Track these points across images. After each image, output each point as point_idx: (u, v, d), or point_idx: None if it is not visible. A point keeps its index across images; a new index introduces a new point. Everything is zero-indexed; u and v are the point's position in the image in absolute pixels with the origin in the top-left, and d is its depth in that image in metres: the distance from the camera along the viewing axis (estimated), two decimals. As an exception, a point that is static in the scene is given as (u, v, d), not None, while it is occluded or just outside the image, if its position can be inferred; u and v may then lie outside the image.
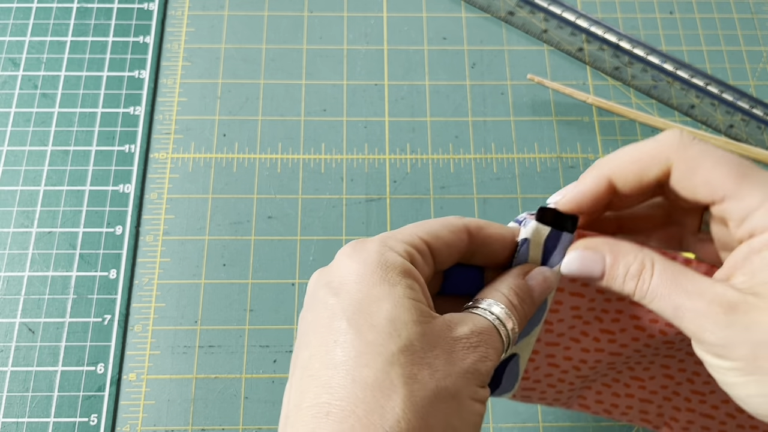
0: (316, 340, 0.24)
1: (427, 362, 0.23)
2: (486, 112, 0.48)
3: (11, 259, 0.42)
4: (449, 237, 0.27)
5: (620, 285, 0.26)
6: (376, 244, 0.25)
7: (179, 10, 0.50)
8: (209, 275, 0.42)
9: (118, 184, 0.45)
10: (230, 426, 0.39)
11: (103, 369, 0.40)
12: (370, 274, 0.24)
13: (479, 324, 0.25)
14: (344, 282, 0.24)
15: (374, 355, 0.22)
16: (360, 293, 0.24)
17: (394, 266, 0.24)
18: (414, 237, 0.26)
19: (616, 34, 0.50)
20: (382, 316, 0.23)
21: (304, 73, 0.49)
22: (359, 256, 0.25)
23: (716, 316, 0.24)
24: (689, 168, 0.25)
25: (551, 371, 0.30)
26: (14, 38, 0.49)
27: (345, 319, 0.23)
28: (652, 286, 0.25)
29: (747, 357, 0.23)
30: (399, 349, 0.22)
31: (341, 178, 0.45)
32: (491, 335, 0.25)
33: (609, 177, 0.27)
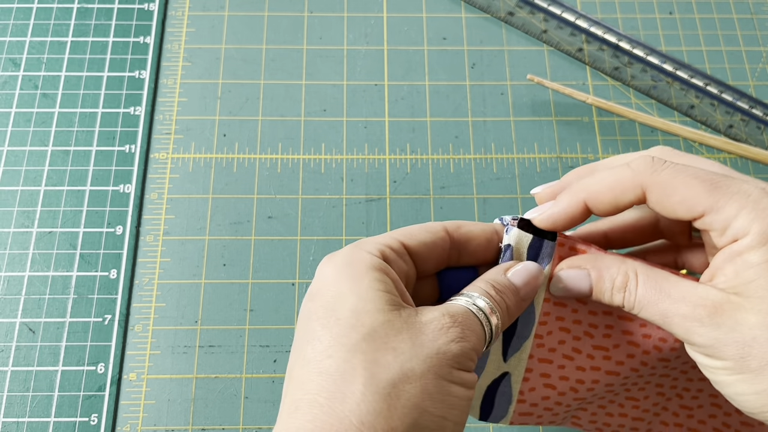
0: (295, 346, 0.25)
1: (391, 346, 0.23)
2: (486, 113, 0.48)
3: (12, 259, 0.42)
4: (426, 236, 0.27)
5: (609, 298, 0.27)
6: (347, 248, 0.26)
7: (179, 10, 0.50)
8: (209, 275, 0.42)
9: (119, 184, 0.45)
10: (230, 426, 0.39)
11: (103, 369, 0.40)
12: (339, 274, 0.25)
13: (453, 309, 0.25)
14: (319, 287, 0.25)
15: (338, 346, 0.23)
16: (329, 293, 0.25)
17: (361, 262, 0.25)
18: (388, 238, 0.27)
19: (616, 34, 0.50)
20: (347, 308, 0.24)
21: (304, 73, 0.49)
22: (331, 261, 0.26)
23: (702, 319, 0.24)
24: (663, 191, 0.26)
25: (548, 393, 0.30)
26: (15, 38, 0.49)
27: (316, 319, 0.24)
28: (638, 297, 0.26)
29: (735, 356, 0.24)
30: (362, 337, 0.23)
31: (341, 178, 0.45)
32: (467, 318, 0.25)
33: (585, 201, 0.28)
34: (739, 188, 0.25)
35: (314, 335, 0.24)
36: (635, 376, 0.30)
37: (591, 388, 0.30)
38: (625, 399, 0.31)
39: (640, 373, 0.29)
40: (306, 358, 0.24)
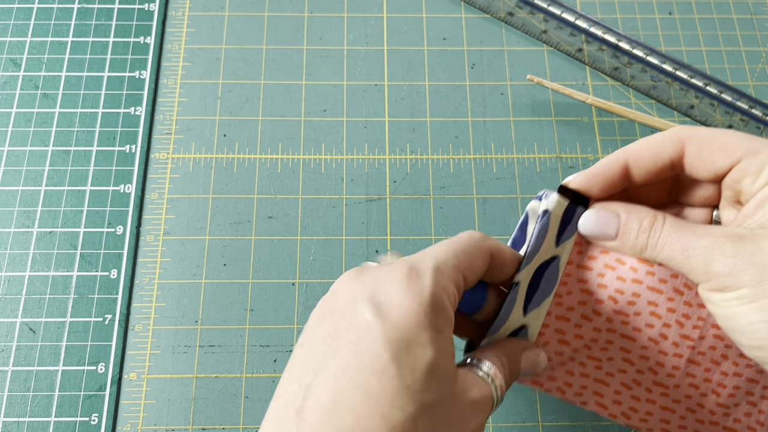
0: (348, 354, 0.23)
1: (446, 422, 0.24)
2: (486, 113, 0.48)
3: (12, 258, 0.43)
4: (479, 265, 0.28)
5: (633, 239, 0.28)
6: (431, 281, 0.25)
7: (180, 10, 0.51)
8: (210, 275, 0.42)
9: (119, 184, 0.45)
10: (231, 425, 0.39)
11: (103, 368, 0.40)
12: (421, 314, 0.24)
13: (486, 392, 0.26)
14: (393, 310, 0.24)
15: (409, 401, 0.22)
16: (409, 331, 0.23)
17: (444, 312, 0.24)
18: (457, 274, 0.26)
19: (616, 34, 0.50)
20: (425, 363, 0.23)
21: (304, 73, 0.49)
22: (414, 290, 0.24)
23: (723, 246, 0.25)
24: (703, 142, 0.27)
25: (561, 349, 0.30)
26: (15, 39, 0.49)
27: (389, 350, 0.23)
28: (662, 234, 0.27)
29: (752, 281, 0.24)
30: (431, 402, 0.23)
31: (341, 178, 0.45)
32: (488, 402, 0.26)
33: (624, 158, 0.29)
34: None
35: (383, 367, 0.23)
36: (655, 351, 0.29)
37: (605, 348, 0.30)
38: (653, 384, 0.30)
39: (661, 348, 0.29)
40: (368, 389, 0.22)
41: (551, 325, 0.30)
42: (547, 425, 0.39)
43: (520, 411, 0.40)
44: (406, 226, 0.44)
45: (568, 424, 0.39)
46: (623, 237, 0.28)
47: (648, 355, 0.30)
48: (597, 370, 0.31)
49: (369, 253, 0.43)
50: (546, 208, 0.29)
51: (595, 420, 0.39)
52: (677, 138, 0.28)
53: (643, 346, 0.30)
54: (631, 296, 0.29)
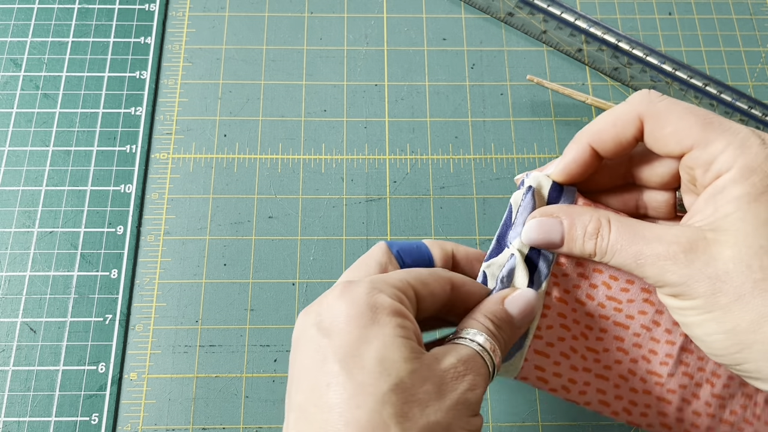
0: (308, 384, 0.24)
1: (417, 399, 0.23)
2: (485, 113, 0.48)
3: (13, 258, 0.43)
4: (435, 286, 0.27)
5: (580, 246, 0.27)
6: (365, 286, 0.25)
7: (180, 11, 0.51)
8: (210, 275, 0.43)
9: (120, 185, 0.45)
10: (231, 425, 0.39)
11: (104, 368, 0.40)
12: (360, 315, 0.24)
13: (464, 353, 0.25)
14: (334, 323, 0.24)
15: (366, 395, 0.23)
16: (350, 334, 0.24)
17: (383, 306, 0.25)
18: (403, 282, 0.26)
19: (615, 34, 0.50)
20: (372, 356, 0.23)
21: (304, 73, 0.49)
22: (349, 296, 0.25)
23: (676, 256, 0.24)
24: (658, 122, 0.26)
25: (563, 334, 0.30)
26: (16, 39, 0.49)
27: (337, 362, 0.23)
28: (611, 242, 0.26)
29: (706, 293, 0.24)
30: (390, 388, 0.23)
31: (341, 179, 0.45)
32: (476, 362, 0.25)
33: (590, 143, 0.28)
34: (729, 126, 0.25)
35: (335, 379, 0.23)
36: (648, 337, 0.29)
37: (600, 338, 0.30)
38: (647, 373, 0.30)
39: (653, 335, 0.29)
40: (329, 403, 0.23)
41: (552, 307, 0.29)
42: (547, 425, 0.39)
43: (520, 411, 0.40)
44: (406, 226, 0.44)
45: (568, 424, 0.39)
46: (569, 244, 0.28)
47: (641, 342, 0.30)
48: (596, 363, 0.31)
49: (369, 253, 0.43)
50: (530, 184, 0.28)
51: (595, 420, 0.39)
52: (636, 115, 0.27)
53: (635, 333, 0.29)
54: (625, 283, 0.29)
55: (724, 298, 0.23)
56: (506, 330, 0.27)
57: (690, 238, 0.24)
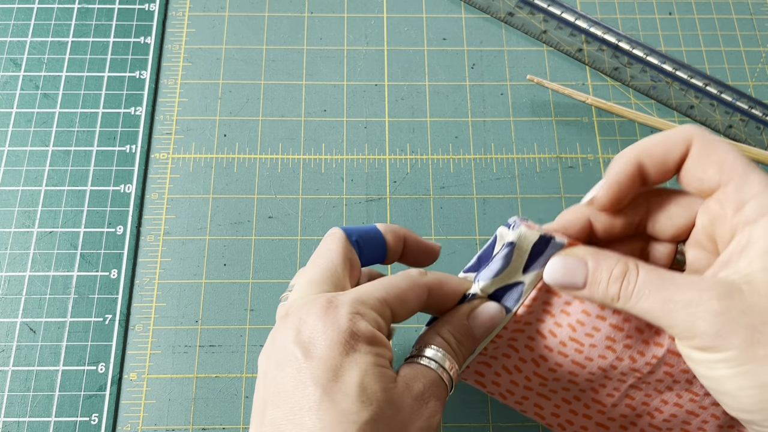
0: (287, 403, 0.24)
1: (393, 427, 0.24)
2: (486, 113, 0.48)
3: (12, 258, 0.43)
4: (412, 299, 0.28)
5: (603, 290, 0.26)
6: (347, 310, 0.25)
7: (180, 11, 0.51)
8: (210, 275, 0.42)
9: (119, 184, 0.45)
10: (231, 425, 0.39)
11: (104, 368, 0.40)
12: (341, 341, 0.24)
13: (429, 378, 0.26)
14: (316, 345, 0.25)
15: (347, 423, 0.23)
16: (333, 360, 0.24)
17: (365, 335, 0.25)
18: (382, 303, 0.27)
19: (616, 34, 0.50)
20: (354, 384, 0.24)
21: (304, 73, 0.49)
22: (331, 320, 0.25)
23: (709, 303, 0.23)
24: (705, 147, 0.26)
25: (509, 352, 0.31)
26: (15, 39, 0.49)
27: (319, 387, 0.24)
28: (638, 286, 0.25)
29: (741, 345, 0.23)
30: (370, 417, 0.23)
31: (341, 179, 0.45)
32: (438, 386, 0.26)
33: (638, 158, 0.27)
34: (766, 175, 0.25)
35: (317, 404, 0.23)
36: (601, 376, 0.29)
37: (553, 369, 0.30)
38: (592, 401, 0.31)
39: (608, 375, 0.29)
40: (307, 427, 0.23)
41: (504, 336, 0.30)
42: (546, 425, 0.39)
43: (520, 411, 0.40)
44: (406, 226, 0.44)
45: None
46: (592, 287, 0.27)
47: (593, 378, 0.30)
48: (542, 386, 0.31)
49: (369, 253, 0.43)
50: (511, 240, 0.28)
51: (595, 420, 0.39)
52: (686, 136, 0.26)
53: (591, 372, 0.29)
54: (591, 329, 0.29)
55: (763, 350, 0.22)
56: (466, 345, 0.28)
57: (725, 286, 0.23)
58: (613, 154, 0.46)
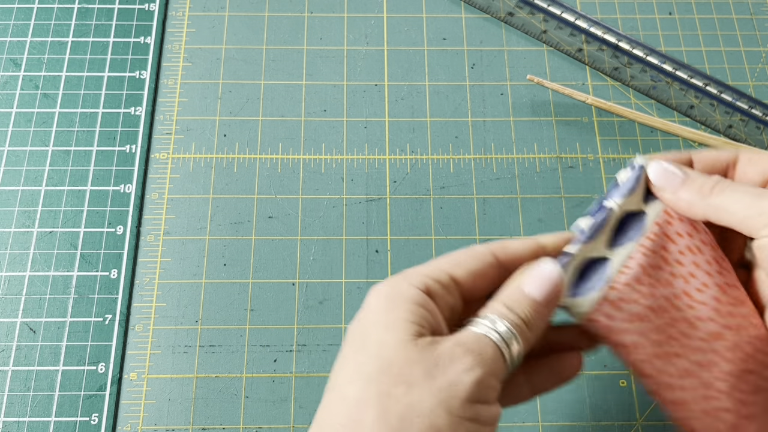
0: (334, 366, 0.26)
1: (404, 380, 0.23)
2: (486, 113, 0.48)
3: (12, 258, 0.43)
4: (474, 264, 0.27)
5: (699, 184, 0.28)
6: (395, 278, 0.26)
7: (180, 10, 0.51)
8: (210, 275, 0.42)
9: (119, 184, 0.45)
10: (231, 425, 0.39)
11: (104, 368, 0.40)
12: (378, 304, 0.26)
13: (464, 336, 0.25)
14: (360, 315, 0.26)
15: (359, 374, 0.24)
16: (367, 321, 0.26)
17: (400, 294, 0.25)
18: (435, 270, 0.27)
19: (616, 34, 0.50)
20: (373, 338, 0.25)
21: (304, 73, 0.49)
22: (378, 290, 0.26)
23: None
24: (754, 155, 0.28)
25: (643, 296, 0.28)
26: (15, 39, 0.49)
27: (350, 345, 0.25)
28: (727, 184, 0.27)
29: None
30: (379, 368, 0.24)
31: (341, 178, 0.45)
32: (480, 344, 0.24)
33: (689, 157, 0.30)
34: None
35: (345, 360, 0.25)
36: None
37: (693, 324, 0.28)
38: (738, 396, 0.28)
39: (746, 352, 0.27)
40: (335, 382, 0.25)
41: (632, 268, 0.28)
42: (547, 425, 0.39)
43: (520, 411, 0.40)
44: (406, 226, 0.44)
45: (568, 424, 0.39)
46: (687, 182, 0.28)
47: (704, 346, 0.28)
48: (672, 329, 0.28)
49: (369, 252, 0.43)
50: (640, 163, 0.29)
51: (595, 420, 0.39)
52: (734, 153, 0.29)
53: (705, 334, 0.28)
54: (701, 285, 0.28)
55: None
56: (527, 312, 0.26)
57: None
58: (613, 154, 0.46)
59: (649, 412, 0.39)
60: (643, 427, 0.39)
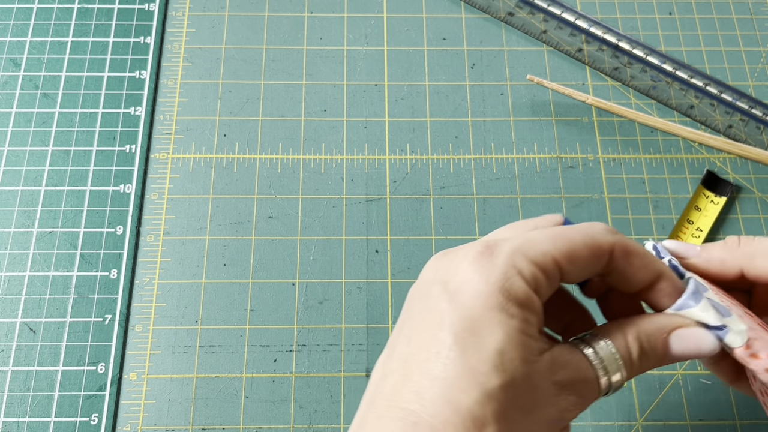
0: (418, 341, 0.23)
1: (521, 404, 0.22)
2: (485, 113, 0.48)
3: (12, 259, 0.42)
4: (587, 259, 0.24)
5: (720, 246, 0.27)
6: (504, 260, 0.23)
7: (180, 10, 0.51)
8: (210, 275, 0.42)
9: (119, 184, 0.45)
10: (231, 425, 0.39)
11: (103, 368, 0.40)
12: (489, 295, 0.22)
13: (581, 372, 0.23)
14: (461, 291, 0.23)
15: (474, 383, 0.21)
16: (473, 311, 0.22)
17: (516, 296, 0.23)
18: (548, 258, 0.23)
19: (616, 34, 0.50)
20: (492, 345, 0.22)
21: (304, 73, 0.49)
22: (484, 269, 0.23)
23: None
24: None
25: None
26: (15, 39, 0.49)
27: (453, 334, 0.22)
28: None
29: None
30: (501, 385, 0.22)
31: (341, 178, 0.45)
32: (588, 385, 0.23)
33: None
34: None
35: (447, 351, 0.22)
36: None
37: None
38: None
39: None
40: (433, 373, 0.22)
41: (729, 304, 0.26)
42: None
43: (520, 411, 0.40)
44: (406, 226, 0.44)
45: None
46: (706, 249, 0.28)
47: None
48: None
49: (369, 252, 0.43)
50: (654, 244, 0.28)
51: (595, 420, 0.39)
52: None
53: None
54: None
55: None
56: (651, 360, 0.24)
57: None
58: (613, 154, 0.46)
59: (649, 412, 0.39)
60: (644, 428, 0.39)
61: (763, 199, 0.45)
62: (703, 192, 0.45)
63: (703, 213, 0.44)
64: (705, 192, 0.45)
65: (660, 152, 0.47)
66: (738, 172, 0.46)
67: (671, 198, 0.45)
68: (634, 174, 0.46)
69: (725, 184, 0.45)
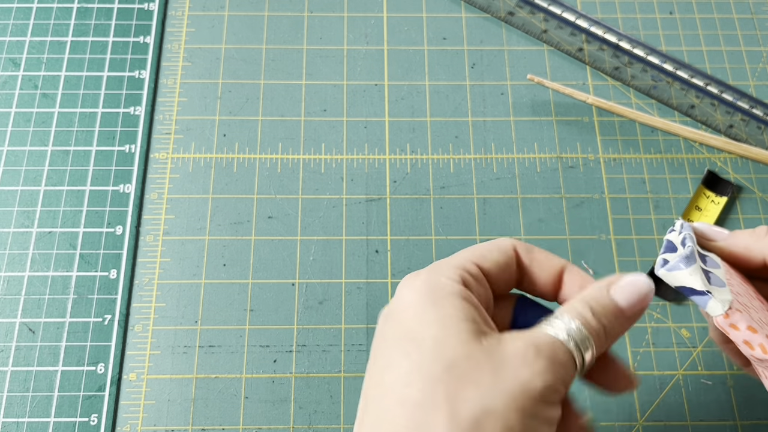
0: (371, 369, 0.25)
1: (472, 380, 0.22)
2: (486, 113, 0.48)
3: (11, 259, 0.42)
4: (499, 257, 0.27)
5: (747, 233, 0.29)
6: (426, 272, 0.26)
7: (179, 10, 0.50)
8: (209, 275, 0.42)
9: (119, 184, 0.45)
10: (230, 426, 0.39)
11: (103, 369, 0.40)
12: (419, 300, 0.25)
13: (538, 338, 0.24)
14: (396, 310, 0.25)
15: (418, 375, 0.23)
16: (408, 319, 0.25)
17: (442, 289, 0.25)
18: (464, 261, 0.26)
19: (616, 34, 0.50)
20: (428, 336, 0.24)
21: (304, 73, 0.49)
22: (411, 284, 0.26)
23: None
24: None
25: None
26: (14, 38, 0.49)
27: (394, 343, 0.24)
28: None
29: None
30: (443, 368, 0.23)
31: (341, 178, 0.45)
32: (554, 348, 0.24)
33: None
34: None
35: (392, 360, 0.24)
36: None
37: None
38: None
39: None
40: (384, 385, 0.23)
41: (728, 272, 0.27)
42: None
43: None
44: (406, 226, 0.44)
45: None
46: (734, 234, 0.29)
47: None
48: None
49: (369, 253, 0.43)
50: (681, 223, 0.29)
51: (595, 420, 0.39)
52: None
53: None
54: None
55: None
56: (609, 319, 0.25)
57: None
58: (614, 154, 0.46)
59: (649, 412, 0.39)
60: (644, 428, 0.39)
61: (764, 199, 0.45)
62: (704, 192, 0.45)
63: (703, 213, 0.44)
64: (706, 192, 0.45)
65: (661, 152, 0.47)
66: (739, 172, 0.46)
67: (672, 198, 0.45)
68: (634, 174, 0.46)
69: (726, 184, 0.45)
